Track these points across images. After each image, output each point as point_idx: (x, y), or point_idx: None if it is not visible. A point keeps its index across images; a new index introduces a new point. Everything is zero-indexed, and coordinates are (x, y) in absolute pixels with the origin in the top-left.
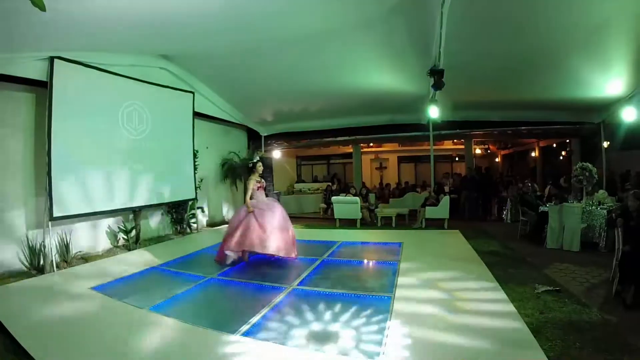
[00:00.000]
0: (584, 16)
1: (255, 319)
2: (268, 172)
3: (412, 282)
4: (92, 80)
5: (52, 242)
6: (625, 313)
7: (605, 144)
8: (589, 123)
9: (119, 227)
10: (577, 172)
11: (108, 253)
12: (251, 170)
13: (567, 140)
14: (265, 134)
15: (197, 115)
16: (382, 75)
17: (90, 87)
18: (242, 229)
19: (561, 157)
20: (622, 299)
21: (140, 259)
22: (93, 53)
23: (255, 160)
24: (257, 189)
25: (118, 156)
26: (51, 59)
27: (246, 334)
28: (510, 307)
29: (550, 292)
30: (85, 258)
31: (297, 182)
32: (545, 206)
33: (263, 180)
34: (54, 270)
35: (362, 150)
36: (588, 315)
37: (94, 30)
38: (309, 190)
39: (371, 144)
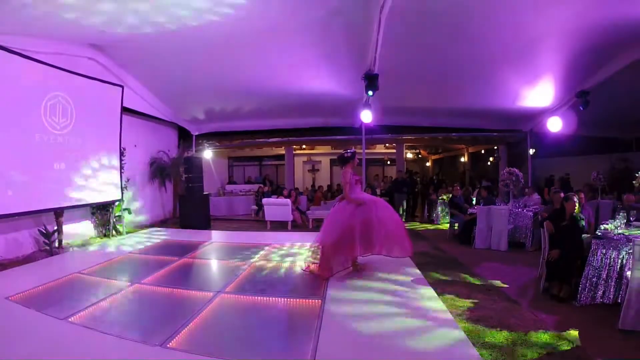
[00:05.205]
0: (516, 31)
1: (181, 329)
2: (198, 172)
3: (342, 285)
4: (14, 67)
5: None
6: (553, 308)
7: (531, 151)
8: (517, 131)
9: (39, 231)
10: (504, 177)
11: (28, 259)
12: (348, 160)
13: (495, 147)
14: (197, 133)
15: (125, 110)
16: (317, 77)
17: (12, 75)
18: (362, 229)
19: (489, 163)
20: (553, 295)
21: (62, 265)
22: (17, 37)
23: (353, 150)
24: (355, 183)
25: (38, 152)
26: None
27: (171, 345)
28: (442, 306)
29: (481, 291)
30: (4, 265)
31: (228, 183)
32: (474, 208)
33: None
34: None
35: (294, 152)
36: (518, 312)
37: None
38: (241, 192)
39: (304, 146)
